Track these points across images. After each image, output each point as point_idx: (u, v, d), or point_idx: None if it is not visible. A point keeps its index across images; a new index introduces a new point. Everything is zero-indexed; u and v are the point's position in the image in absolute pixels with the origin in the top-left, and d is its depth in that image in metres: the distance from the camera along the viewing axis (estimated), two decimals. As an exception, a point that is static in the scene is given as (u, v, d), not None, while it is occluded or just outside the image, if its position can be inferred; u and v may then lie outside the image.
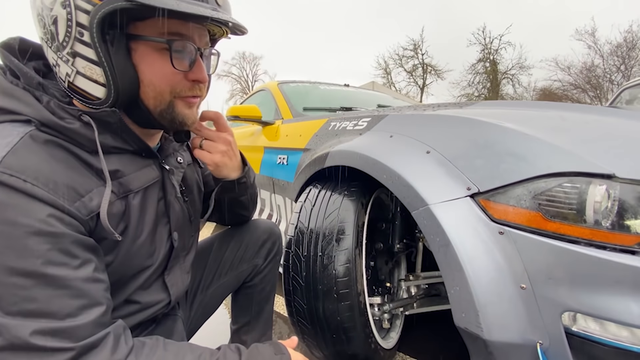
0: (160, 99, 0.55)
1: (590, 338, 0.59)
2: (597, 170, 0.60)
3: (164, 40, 0.52)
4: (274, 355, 0.59)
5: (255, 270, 0.95)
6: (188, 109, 0.59)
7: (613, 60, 17.29)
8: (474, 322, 0.65)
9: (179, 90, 0.56)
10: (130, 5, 0.45)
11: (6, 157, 0.43)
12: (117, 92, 0.50)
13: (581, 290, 0.58)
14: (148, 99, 0.54)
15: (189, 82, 0.56)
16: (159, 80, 0.54)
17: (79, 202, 0.48)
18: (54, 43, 0.50)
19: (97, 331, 0.45)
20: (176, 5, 0.47)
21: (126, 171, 0.56)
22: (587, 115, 0.82)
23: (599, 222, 0.60)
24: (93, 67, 0.49)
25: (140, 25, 0.51)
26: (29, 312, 0.41)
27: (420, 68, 24.81)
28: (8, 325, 0.40)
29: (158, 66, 0.53)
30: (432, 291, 1.24)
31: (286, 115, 1.85)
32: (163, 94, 0.55)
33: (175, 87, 0.55)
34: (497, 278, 0.64)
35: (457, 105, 1.07)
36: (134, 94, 0.53)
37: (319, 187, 1.08)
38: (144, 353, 0.49)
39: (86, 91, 0.51)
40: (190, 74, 0.56)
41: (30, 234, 0.42)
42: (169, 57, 0.53)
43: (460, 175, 0.73)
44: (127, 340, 0.49)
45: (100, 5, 0.45)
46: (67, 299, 0.43)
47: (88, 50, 0.48)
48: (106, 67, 0.49)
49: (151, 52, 0.52)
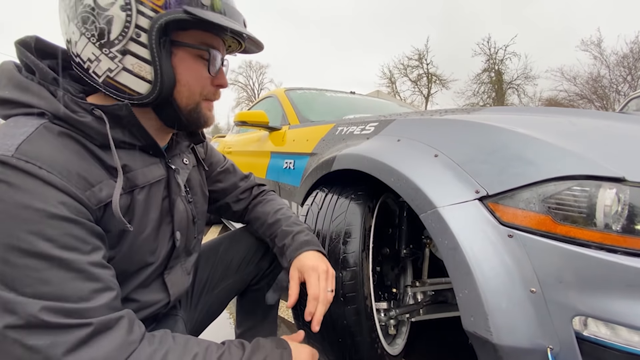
0: (192, 98, 0.61)
1: (602, 343, 0.58)
2: (607, 174, 0.60)
3: (206, 48, 0.60)
4: (275, 349, 0.60)
5: (261, 274, 0.95)
6: (209, 110, 0.66)
7: (619, 71, 17.22)
8: (483, 326, 0.64)
9: (206, 92, 0.63)
10: (188, 17, 0.53)
11: (22, 144, 0.45)
12: (161, 89, 0.56)
13: (592, 294, 0.58)
14: (181, 98, 0.60)
15: (214, 86, 0.64)
16: (194, 82, 0.61)
17: (90, 192, 0.50)
18: (100, 40, 0.53)
19: (110, 313, 0.46)
20: (225, 22, 0.57)
21: (133, 166, 0.58)
22: (597, 120, 0.82)
23: (609, 226, 0.59)
24: (143, 65, 0.55)
25: (182, 34, 0.58)
26: (42, 294, 0.42)
27: (425, 77, 24.91)
28: (23, 303, 0.41)
29: (195, 69, 0.60)
30: (438, 298, 1.23)
31: (293, 120, 1.87)
32: (195, 94, 0.62)
33: (204, 90, 0.63)
34: (506, 281, 0.64)
35: (464, 110, 1.07)
36: (170, 92, 0.58)
37: (326, 190, 1.09)
38: (155, 341, 0.50)
39: (127, 86, 0.56)
40: (215, 79, 0.64)
41: (44, 217, 0.43)
42: (203, 63, 0.61)
43: (469, 178, 0.73)
44: (140, 326, 0.50)
45: (164, 14, 0.53)
46: (79, 282, 0.44)
47: (142, 49, 0.54)
48: (157, 66, 0.55)
49: (189, 57, 0.59)
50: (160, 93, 0.56)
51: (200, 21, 0.54)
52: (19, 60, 0.55)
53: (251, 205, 0.95)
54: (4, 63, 0.54)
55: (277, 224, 0.87)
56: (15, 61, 0.56)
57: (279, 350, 0.60)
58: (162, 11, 0.53)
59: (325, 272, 0.75)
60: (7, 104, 0.51)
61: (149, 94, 0.56)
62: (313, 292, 0.71)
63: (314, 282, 0.72)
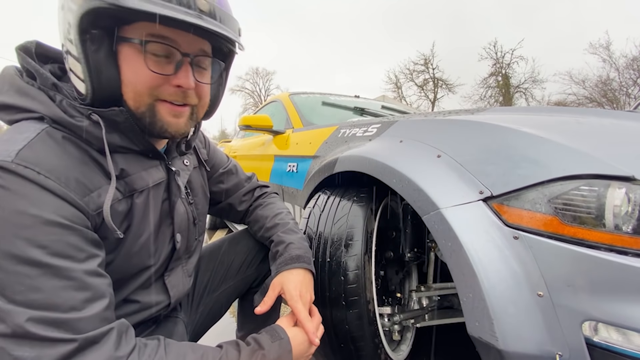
0: (140, 100, 0.54)
1: (613, 349, 0.55)
2: (616, 173, 0.58)
3: (137, 40, 0.52)
4: (272, 343, 0.60)
5: (262, 276, 0.94)
6: (172, 116, 0.57)
7: (629, 74, 17.00)
8: (488, 331, 0.62)
9: (159, 93, 0.55)
10: (102, 4, 0.46)
11: (22, 150, 0.45)
12: (94, 88, 0.51)
13: (603, 298, 0.55)
14: (128, 99, 0.54)
15: (173, 87, 0.55)
16: (136, 80, 0.53)
17: (88, 197, 0.49)
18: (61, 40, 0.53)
19: (100, 325, 0.45)
20: (142, 5, 0.47)
21: (131, 171, 0.58)
22: (604, 119, 0.80)
23: (619, 227, 0.57)
24: (76, 64, 0.52)
25: (128, 29, 0.52)
26: (33, 301, 0.41)
27: (431, 82, 24.88)
28: (11, 312, 0.40)
29: (136, 66, 0.53)
30: (444, 303, 1.20)
31: (297, 124, 1.87)
32: (142, 95, 0.54)
33: (154, 90, 0.54)
34: (512, 285, 0.62)
35: (468, 111, 1.06)
36: (115, 92, 0.54)
37: (328, 193, 1.07)
38: (147, 353, 0.49)
39: (76, 87, 0.54)
40: (173, 78, 0.55)
41: (39, 224, 0.43)
42: (153, 59, 0.53)
43: (472, 178, 0.71)
44: (130, 339, 0.49)
45: (81, 5, 0.47)
46: (71, 291, 0.44)
47: (73, 47, 0.51)
48: (83, 63, 0.50)
49: (133, 53, 0.52)
50: (97, 92, 0.52)
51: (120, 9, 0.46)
52: (20, 65, 0.56)
53: (252, 207, 0.95)
54: (5, 68, 0.55)
55: (274, 229, 0.86)
56: (17, 66, 0.56)
57: (276, 343, 0.60)
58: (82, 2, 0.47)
59: (308, 302, 0.73)
60: (9, 109, 0.52)
61: (86, 94, 0.52)
62: None
63: (301, 309, 0.70)
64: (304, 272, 0.77)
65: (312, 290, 0.77)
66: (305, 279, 0.76)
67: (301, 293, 0.72)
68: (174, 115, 0.58)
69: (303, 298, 0.71)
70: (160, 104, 0.56)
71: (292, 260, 0.77)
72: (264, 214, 0.91)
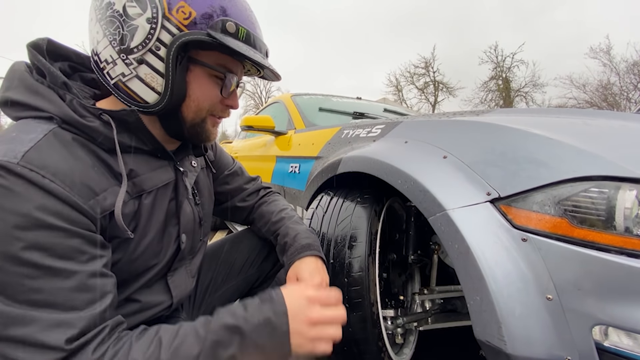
0: (199, 113, 0.62)
1: (624, 354, 0.54)
2: (626, 174, 0.57)
3: (223, 71, 0.61)
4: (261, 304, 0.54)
5: (264, 276, 0.93)
6: (213, 126, 0.66)
7: (630, 78, 17.04)
8: (496, 335, 0.61)
9: (214, 110, 0.64)
10: (210, 40, 0.54)
11: (29, 152, 0.45)
12: (168, 101, 0.57)
13: (613, 302, 0.54)
14: (188, 112, 0.60)
15: (223, 105, 0.65)
16: (203, 99, 0.61)
17: (93, 201, 0.49)
18: (121, 45, 0.53)
19: (99, 323, 0.45)
20: (245, 51, 0.57)
21: (140, 171, 0.58)
22: (612, 121, 0.79)
23: (629, 230, 0.56)
24: (156, 77, 0.55)
25: (202, 53, 0.58)
26: (34, 302, 0.41)
27: (431, 85, 24.88)
28: (9, 312, 0.40)
29: (207, 88, 0.61)
30: (447, 306, 1.19)
31: (299, 125, 1.86)
32: (202, 110, 0.62)
33: (212, 107, 0.63)
34: (520, 288, 0.61)
35: (474, 112, 1.05)
36: (178, 105, 0.59)
37: (331, 194, 1.07)
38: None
39: (137, 93, 0.56)
40: (227, 100, 0.65)
41: (41, 227, 0.43)
42: (218, 83, 0.62)
43: (480, 180, 0.70)
44: (117, 343, 0.46)
45: (187, 33, 0.54)
46: (71, 292, 0.44)
47: (158, 62, 0.55)
48: (169, 80, 0.55)
49: (204, 75, 0.60)
50: (166, 105, 0.57)
51: (221, 45, 0.55)
52: (30, 62, 0.56)
53: (257, 204, 0.95)
54: (15, 64, 0.55)
55: (281, 222, 0.86)
56: (26, 61, 0.56)
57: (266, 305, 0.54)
58: (186, 30, 0.54)
59: None
60: (17, 106, 0.52)
61: (155, 104, 0.57)
62: None
63: None
64: (316, 259, 0.77)
65: (326, 274, 0.77)
66: (318, 265, 0.76)
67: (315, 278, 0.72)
68: (214, 125, 0.67)
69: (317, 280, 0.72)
70: (210, 117, 0.64)
71: (302, 249, 0.77)
72: (269, 210, 0.91)
